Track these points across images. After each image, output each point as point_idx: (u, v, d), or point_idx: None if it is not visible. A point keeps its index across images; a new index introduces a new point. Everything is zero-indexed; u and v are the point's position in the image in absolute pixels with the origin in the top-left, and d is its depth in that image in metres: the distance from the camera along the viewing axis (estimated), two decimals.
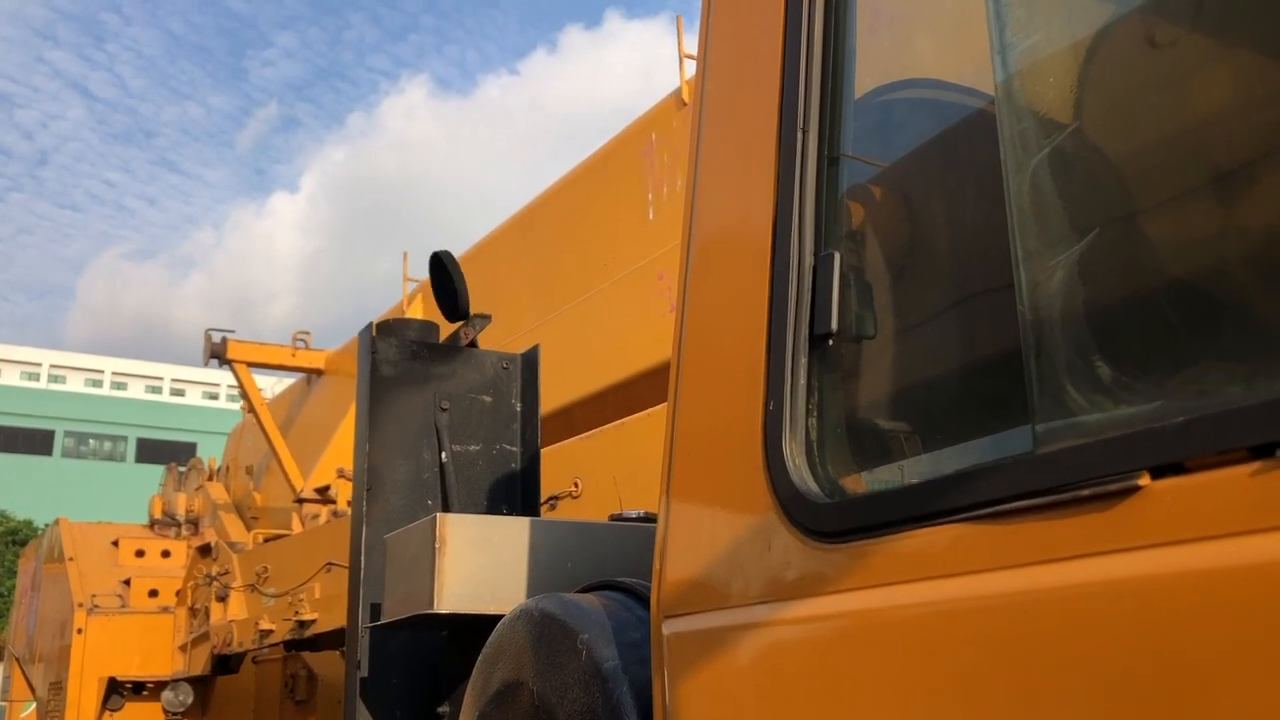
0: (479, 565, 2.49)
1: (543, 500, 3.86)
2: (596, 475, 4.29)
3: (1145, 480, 1.02)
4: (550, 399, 3.99)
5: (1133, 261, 1.30)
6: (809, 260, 1.52)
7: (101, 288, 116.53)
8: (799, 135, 1.58)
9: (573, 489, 4.35)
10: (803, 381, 1.49)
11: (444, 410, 3.25)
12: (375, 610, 2.90)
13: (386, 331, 3.33)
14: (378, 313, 7.17)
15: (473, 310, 3.45)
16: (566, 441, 4.62)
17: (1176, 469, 1.00)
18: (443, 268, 3.36)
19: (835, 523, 1.38)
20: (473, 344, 3.43)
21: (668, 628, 1.64)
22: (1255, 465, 0.94)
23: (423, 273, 6.95)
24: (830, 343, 1.50)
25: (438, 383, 3.27)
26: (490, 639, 2.19)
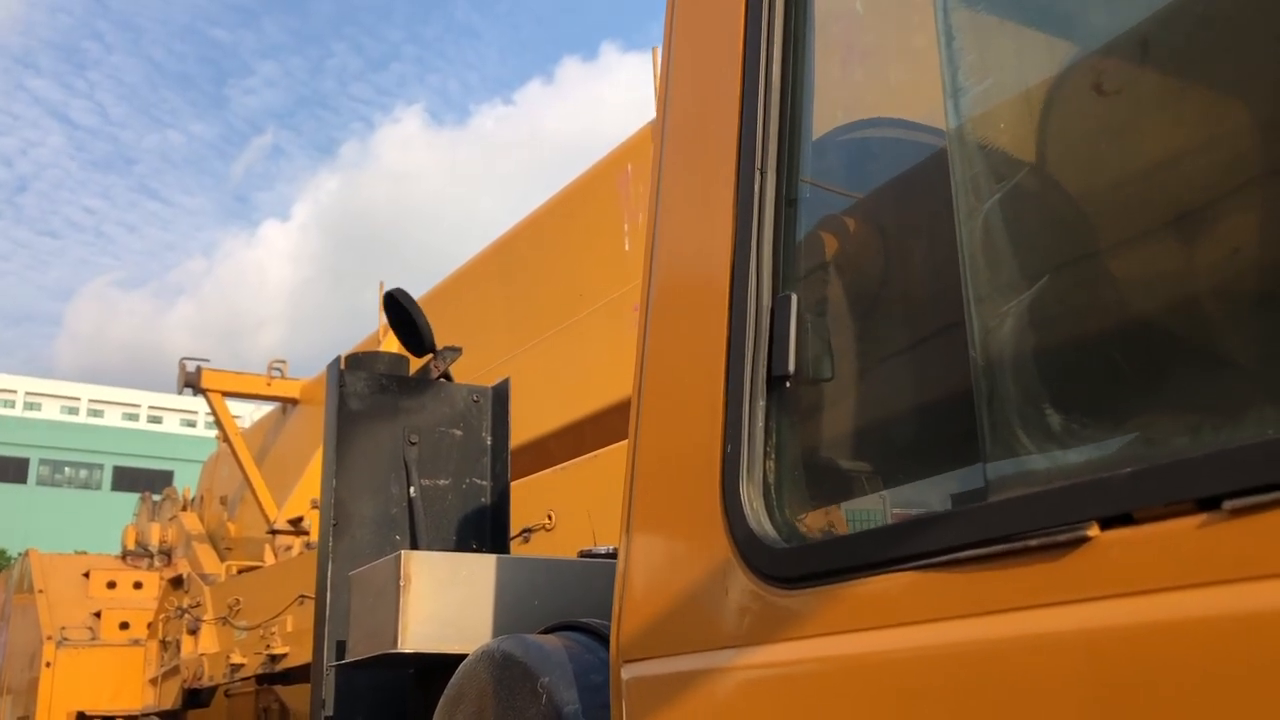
0: (445, 603, 2.45)
1: (516, 533, 3.82)
2: (570, 508, 4.25)
3: (1094, 531, 1.01)
4: (525, 430, 3.96)
5: (1082, 309, 1.30)
6: (767, 301, 1.52)
7: (89, 315, 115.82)
8: (757, 175, 1.58)
9: (546, 521, 4.32)
10: (760, 424, 1.48)
11: (413, 444, 3.22)
12: (341, 648, 2.86)
13: (355, 364, 3.30)
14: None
15: (445, 341, 3.43)
16: (541, 473, 4.59)
17: (1125, 520, 0.99)
18: (399, 305, 3.33)
19: (791, 568, 1.36)
20: (446, 376, 3.40)
21: (627, 672, 1.62)
22: (1202, 517, 0.94)
23: None
24: (788, 385, 1.49)
25: (407, 416, 3.24)
26: (452, 680, 2.16)
